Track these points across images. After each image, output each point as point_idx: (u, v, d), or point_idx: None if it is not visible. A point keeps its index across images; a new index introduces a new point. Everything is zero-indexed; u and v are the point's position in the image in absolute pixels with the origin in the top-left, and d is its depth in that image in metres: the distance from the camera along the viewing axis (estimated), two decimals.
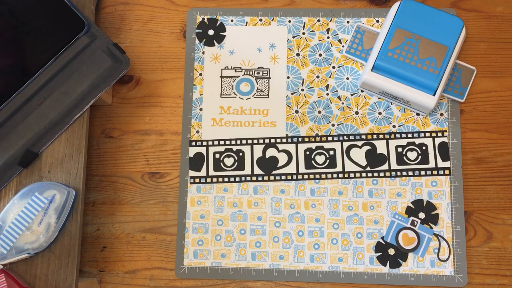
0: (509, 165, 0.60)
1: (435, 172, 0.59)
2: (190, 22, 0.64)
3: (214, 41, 0.63)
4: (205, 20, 0.64)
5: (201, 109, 0.62)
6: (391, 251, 0.58)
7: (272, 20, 0.63)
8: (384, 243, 0.58)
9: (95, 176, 0.62)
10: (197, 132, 0.61)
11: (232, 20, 0.64)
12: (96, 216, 0.61)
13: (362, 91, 0.61)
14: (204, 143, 0.61)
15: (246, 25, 0.63)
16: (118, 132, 0.62)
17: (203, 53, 0.63)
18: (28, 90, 0.57)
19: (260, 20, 0.63)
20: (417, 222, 0.58)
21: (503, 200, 0.59)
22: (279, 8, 0.64)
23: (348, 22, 0.63)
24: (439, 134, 0.60)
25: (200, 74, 0.63)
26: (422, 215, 0.59)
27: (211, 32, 0.63)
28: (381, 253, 0.58)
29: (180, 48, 0.64)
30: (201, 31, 0.64)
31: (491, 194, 0.60)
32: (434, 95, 0.57)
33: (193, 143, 0.61)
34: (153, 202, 0.61)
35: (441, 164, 0.59)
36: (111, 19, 0.65)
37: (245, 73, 0.62)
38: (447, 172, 0.59)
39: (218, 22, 0.64)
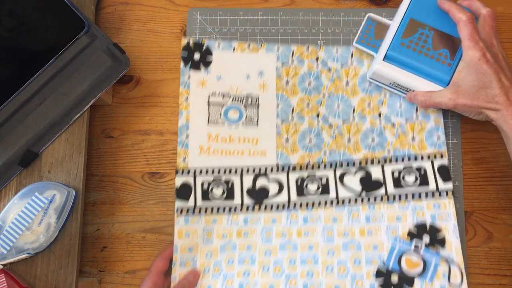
0: (509, 165, 0.60)
1: (436, 195, 0.57)
2: (190, 22, 0.64)
3: (201, 65, 0.61)
4: (190, 44, 0.62)
5: (187, 136, 0.60)
6: (394, 278, 0.55)
7: (261, 46, 0.62)
8: (385, 269, 0.55)
9: (95, 176, 0.62)
10: (184, 160, 0.59)
11: (219, 45, 0.62)
12: (96, 216, 0.61)
13: (369, 84, 0.60)
14: (191, 172, 0.59)
15: (233, 50, 0.62)
16: (118, 132, 0.62)
17: (189, 77, 0.61)
18: (28, 90, 0.57)
19: (248, 46, 0.62)
20: (421, 245, 0.56)
21: (503, 200, 0.59)
22: (279, 8, 0.64)
23: (337, 51, 0.61)
24: (438, 156, 0.58)
25: (186, 99, 0.60)
26: (426, 238, 0.56)
27: (197, 55, 0.61)
28: (383, 280, 0.55)
29: (180, 48, 0.64)
30: (186, 54, 0.61)
31: (491, 194, 0.60)
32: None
33: (180, 172, 0.59)
34: (153, 202, 0.61)
35: (442, 185, 0.57)
36: (111, 19, 0.65)
37: (234, 100, 0.60)
38: (450, 194, 0.57)
39: (204, 46, 0.62)
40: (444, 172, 0.58)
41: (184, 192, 0.58)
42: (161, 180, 0.61)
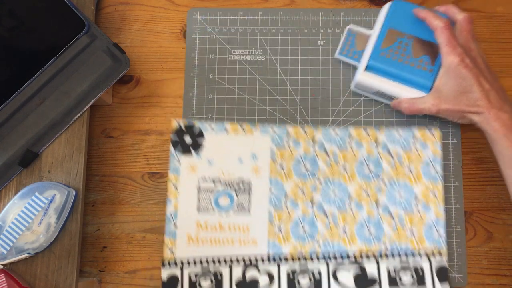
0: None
1: None
2: (190, 22, 0.64)
3: (191, 149, 0.59)
4: (182, 127, 0.59)
5: (175, 225, 0.57)
6: None
7: (255, 127, 0.59)
8: None
9: (95, 176, 0.62)
10: (171, 251, 0.56)
11: (211, 126, 0.59)
12: (96, 216, 0.61)
13: (357, 93, 0.60)
14: (179, 263, 0.56)
15: (226, 132, 0.59)
16: (118, 132, 0.62)
17: (179, 162, 0.59)
18: (28, 90, 0.57)
19: (242, 127, 0.59)
20: None
21: (503, 200, 0.59)
22: (279, 8, 0.64)
23: (336, 133, 0.59)
24: (437, 254, 0.56)
25: (175, 187, 0.58)
26: None
27: (188, 139, 0.59)
28: None
29: (180, 48, 0.64)
30: (177, 138, 0.59)
31: (491, 194, 0.59)
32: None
33: (167, 264, 0.56)
34: (153, 202, 0.61)
35: (439, 287, 0.55)
36: (111, 19, 0.65)
37: (225, 186, 0.58)
38: None
39: (197, 129, 0.59)
40: (442, 274, 0.55)
41: (171, 285, 0.56)
42: (161, 180, 0.61)
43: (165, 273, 0.56)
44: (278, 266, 0.56)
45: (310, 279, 0.56)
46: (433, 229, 0.57)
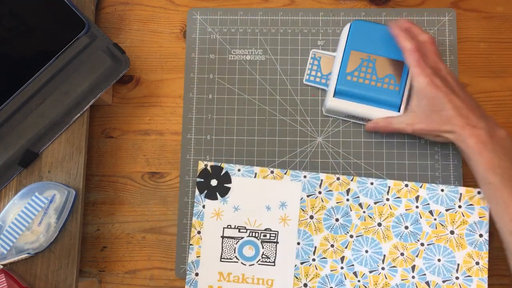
0: None
1: None
2: (190, 22, 0.64)
3: (217, 193, 0.57)
4: (208, 168, 0.57)
5: (197, 274, 0.55)
6: None
7: (285, 173, 0.57)
8: None
9: (95, 176, 0.62)
10: None
11: (239, 170, 0.57)
12: (96, 216, 0.61)
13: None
14: None
15: (255, 176, 0.56)
16: (118, 132, 0.63)
17: (204, 207, 0.56)
18: (28, 90, 0.57)
19: (272, 172, 0.56)
20: None
21: None
22: (279, 8, 0.64)
23: (373, 185, 0.56)
24: None
25: (199, 232, 0.56)
26: None
27: (214, 182, 0.57)
28: None
29: (180, 48, 0.64)
30: (202, 180, 0.57)
31: None
32: (398, 111, 0.57)
33: None
34: (153, 202, 0.61)
35: None
36: (111, 19, 0.65)
37: (250, 235, 0.55)
38: None
39: (223, 171, 0.57)
40: None
41: None
42: (161, 180, 0.61)
43: None
44: None
45: None
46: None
